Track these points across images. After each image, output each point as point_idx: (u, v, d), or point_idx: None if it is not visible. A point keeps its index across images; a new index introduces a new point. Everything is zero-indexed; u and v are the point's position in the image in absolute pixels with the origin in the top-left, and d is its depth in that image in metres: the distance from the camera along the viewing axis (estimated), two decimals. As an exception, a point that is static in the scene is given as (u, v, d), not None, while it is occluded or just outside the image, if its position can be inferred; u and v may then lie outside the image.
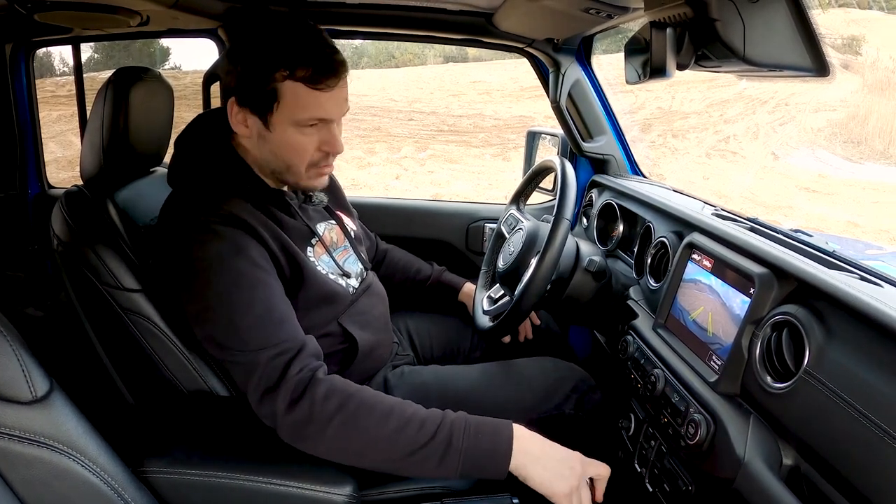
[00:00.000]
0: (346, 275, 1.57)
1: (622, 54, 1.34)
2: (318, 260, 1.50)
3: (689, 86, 16.00)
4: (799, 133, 12.86)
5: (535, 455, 1.23)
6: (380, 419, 1.21)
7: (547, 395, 1.63)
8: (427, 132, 14.27)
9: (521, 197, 2.00)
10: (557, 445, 1.26)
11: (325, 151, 1.40)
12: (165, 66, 16.65)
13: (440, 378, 1.63)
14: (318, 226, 1.56)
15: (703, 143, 12.47)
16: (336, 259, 1.56)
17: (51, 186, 2.72)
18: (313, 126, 1.35)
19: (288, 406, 1.20)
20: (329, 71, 1.31)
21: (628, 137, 2.35)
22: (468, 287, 1.98)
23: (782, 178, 10.66)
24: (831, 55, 0.98)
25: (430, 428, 1.21)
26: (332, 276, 1.52)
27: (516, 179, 2.05)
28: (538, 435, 1.26)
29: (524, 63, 2.38)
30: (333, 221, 1.64)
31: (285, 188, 1.51)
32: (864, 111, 12.78)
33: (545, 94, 2.34)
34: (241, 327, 1.24)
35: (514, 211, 1.94)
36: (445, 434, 1.21)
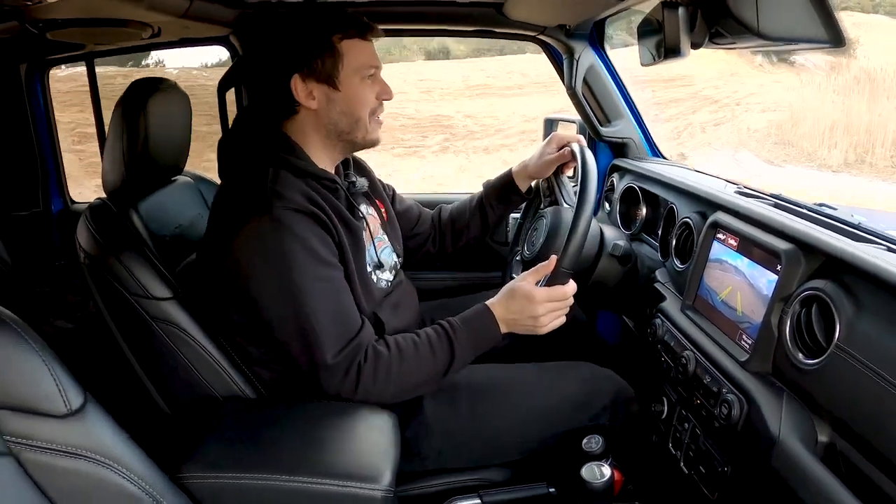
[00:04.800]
0: (380, 266, 1.60)
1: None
2: (366, 246, 1.54)
3: (644, 86, 15.57)
4: (732, 134, 12.60)
5: (510, 325, 1.50)
6: (416, 363, 1.43)
7: (582, 406, 1.60)
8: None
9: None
10: (515, 307, 1.48)
11: (380, 100, 1.53)
12: (144, 63, 15.83)
13: (471, 379, 1.61)
14: (363, 211, 1.59)
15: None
16: (376, 248, 1.59)
17: (73, 202, 2.75)
18: (371, 76, 1.50)
19: (355, 388, 1.39)
20: (367, 24, 1.49)
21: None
22: (514, 171, 1.92)
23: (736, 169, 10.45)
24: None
25: (445, 347, 1.45)
26: (368, 268, 1.54)
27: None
28: (505, 302, 1.50)
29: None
30: (373, 209, 1.67)
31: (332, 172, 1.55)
32: (802, 113, 12.57)
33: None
34: (316, 331, 1.36)
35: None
36: (459, 352, 1.45)
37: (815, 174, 10.64)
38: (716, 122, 13.47)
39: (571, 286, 1.48)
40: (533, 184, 1.95)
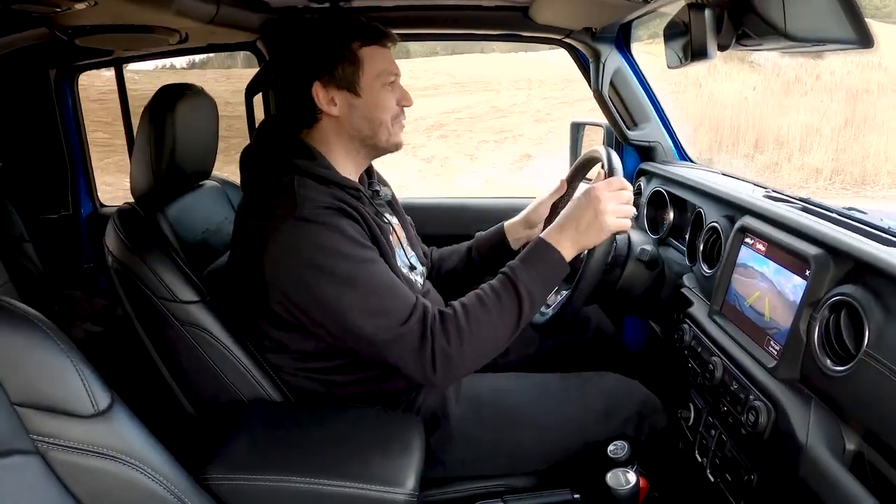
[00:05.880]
0: (413, 268, 1.61)
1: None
2: (396, 249, 1.54)
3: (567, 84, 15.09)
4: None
5: (573, 238, 1.43)
6: (485, 315, 1.37)
7: (607, 417, 1.58)
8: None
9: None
10: (573, 212, 1.44)
11: (401, 106, 1.53)
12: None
13: (496, 391, 1.60)
14: (388, 218, 1.59)
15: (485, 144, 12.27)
16: (406, 252, 1.60)
17: (103, 205, 2.81)
18: (392, 83, 1.50)
19: (432, 364, 1.33)
20: (384, 32, 1.50)
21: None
22: (507, 225, 1.88)
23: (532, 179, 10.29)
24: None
25: (512, 296, 1.39)
26: (404, 270, 1.54)
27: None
28: (559, 224, 1.45)
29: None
30: (396, 220, 1.67)
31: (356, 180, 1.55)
32: (681, 112, 12.37)
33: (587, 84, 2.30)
34: (380, 310, 1.33)
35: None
36: (525, 291, 1.39)
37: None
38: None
39: (628, 185, 1.47)
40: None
